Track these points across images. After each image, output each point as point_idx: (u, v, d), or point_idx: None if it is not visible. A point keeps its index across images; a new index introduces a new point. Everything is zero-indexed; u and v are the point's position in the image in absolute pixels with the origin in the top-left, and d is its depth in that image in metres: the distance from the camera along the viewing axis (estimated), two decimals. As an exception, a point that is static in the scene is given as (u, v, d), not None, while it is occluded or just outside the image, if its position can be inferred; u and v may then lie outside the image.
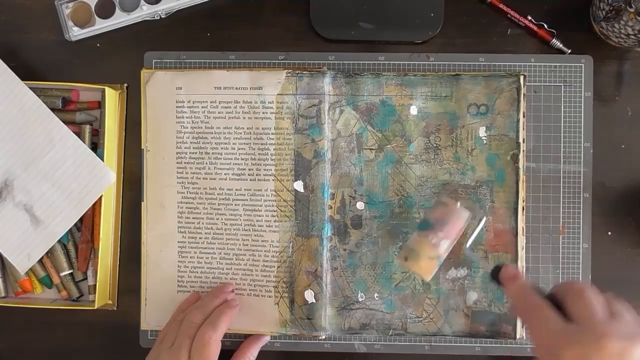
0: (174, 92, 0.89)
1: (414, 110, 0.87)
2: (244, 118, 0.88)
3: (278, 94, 0.87)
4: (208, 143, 0.89)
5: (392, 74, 0.88)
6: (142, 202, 0.90)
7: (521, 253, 0.86)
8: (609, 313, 0.61)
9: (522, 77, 0.86)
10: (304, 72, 0.87)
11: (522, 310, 0.67)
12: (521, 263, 0.86)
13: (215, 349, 0.78)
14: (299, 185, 0.87)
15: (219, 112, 0.88)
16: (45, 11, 0.92)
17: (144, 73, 0.90)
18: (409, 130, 0.87)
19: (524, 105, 0.86)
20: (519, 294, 0.67)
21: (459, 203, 0.81)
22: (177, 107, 0.89)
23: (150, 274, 0.90)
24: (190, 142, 0.89)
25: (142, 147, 0.90)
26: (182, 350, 0.77)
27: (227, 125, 0.88)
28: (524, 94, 0.86)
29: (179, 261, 0.89)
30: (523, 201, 0.86)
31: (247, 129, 0.88)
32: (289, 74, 0.87)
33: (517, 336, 0.86)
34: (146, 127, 0.90)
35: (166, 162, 0.89)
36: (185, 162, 0.89)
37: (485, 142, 0.87)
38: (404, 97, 0.87)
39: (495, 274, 0.72)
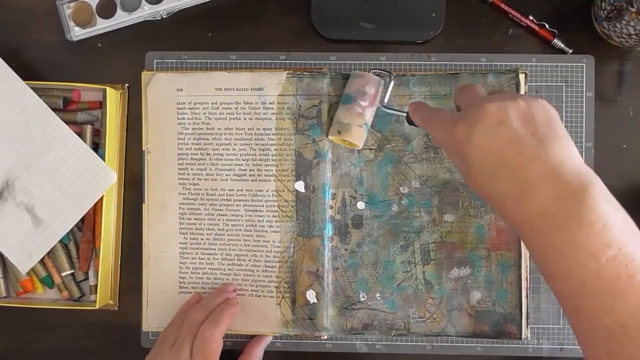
0: (174, 94, 0.89)
1: (413, 110, 0.87)
2: (245, 119, 0.88)
3: (279, 95, 0.87)
4: (209, 144, 0.89)
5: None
6: (143, 204, 0.90)
7: (525, 251, 0.86)
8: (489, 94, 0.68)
9: (522, 75, 0.86)
10: (304, 73, 0.87)
11: (424, 121, 0.73)
12: (525, 262, 0.85)
13: (216, 346, 0.78)
14: (300, 186, 0.87)
15: (219, 113, 0.88)
16: (47, 11, 0.92)
17: (145, 75, 0.90)
18: (408, 129, 0.87)
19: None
20: (421, 112, 0.73)
21: (371, 72, 0.86)
22: (178, 108, 0.89)
23: (151, 275, 0.90)
24: (192, 143, 0.89)
25: (143, 149, 0.90)
26: (184, 348, 0.77)
27: (228, 126, 0.88)
28: (525, 92, 0.86)
29: (180, 262, 0.89)
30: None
31: (248, 129, 0.88)
32: (289, 75, 0.87)
33: (523, 336, 0.85)
34: (147, 128, 0.90)
35: (167, 163, 0.89)
36: (186, 163, 0.89)
37: (485, 140, 0.87)
38: (403, 97, 0.87)
39: (410, 119, 0.76)
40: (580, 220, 0.56)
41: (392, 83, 0.85)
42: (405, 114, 0.76)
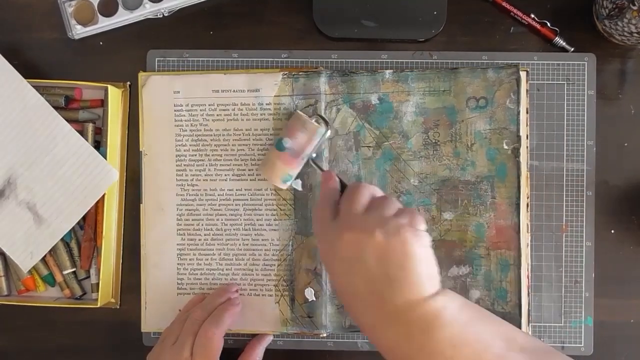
0: (171, 96, 0.89)
1: (411, 107, 0.87)
2: (242, 120, 0.88)
3: (275, 96, 0.87)
4: (207, 145, 0.89)
5: (388, 71, 0.88)
6: (141, 205, 0.90)
7: (526, 250, 0.86)
8: (367, 208, 0.67)
9: (523, 72, 0.85)
10: (300, 73, 0.87)
11: (318, 201, 0.74)
12: (526, 261, 0.85)
13: (217, 345, 0.78)
14: (297, 184, 0.87)
15: (217, 115, 0.88)
16: (48, 9, 0.92)
17: (141, 76, 0.90)
18: (406, 126, 0.87)
19: (527, 101, 0.86)
20: (323, 191, 0.74)
21: (313, 119, 0.85)
22: (175, 110, 0.89)
23: (149, 277, 0.90)
24: (190, 145, 0.89)
25: (140, 150, 0.90)
26: (185, 347, 0.78)
27: (226, 128, 0.88)
28: (527, 90, 0.86)
29: (178, 263, 0.90)
30: (527, 197, 0.86)
31: (246, 130, 0.88)
32: (285, 76, 0.87)
33: (522, 334, 0.85)
34: (144, 130, 0.90)
35: (165, 165, 0.90)
36: (184, 165, 0.89)
37: (485, 136, 0.86)
38: (401, 94, 0.87)
39: None
40: (429, 352, 0.59)
41: (328, 134, 0.85)
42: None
